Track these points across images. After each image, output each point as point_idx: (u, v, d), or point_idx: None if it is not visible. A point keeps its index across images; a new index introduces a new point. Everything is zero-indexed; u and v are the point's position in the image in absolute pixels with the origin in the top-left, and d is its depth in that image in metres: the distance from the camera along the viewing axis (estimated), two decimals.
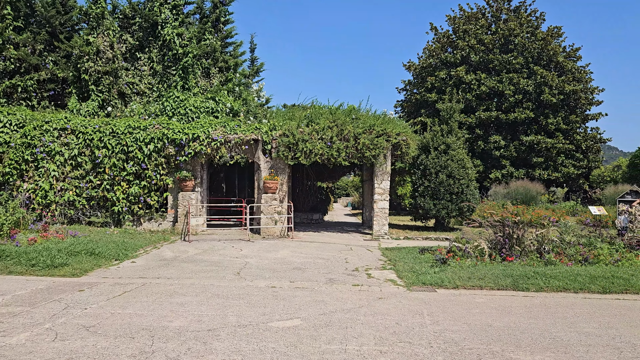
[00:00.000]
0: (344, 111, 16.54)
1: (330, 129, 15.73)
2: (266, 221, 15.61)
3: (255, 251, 12.34)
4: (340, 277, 9.20)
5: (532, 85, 29.73)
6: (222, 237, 14.92)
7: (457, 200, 17.01)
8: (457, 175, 17.04)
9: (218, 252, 12.05)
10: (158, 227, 16.04)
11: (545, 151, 29.86)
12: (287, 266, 10.30)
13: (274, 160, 16.08)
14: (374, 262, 11.19)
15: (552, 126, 30.00)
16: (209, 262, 10.72)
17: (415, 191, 17.76)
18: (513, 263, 9.76)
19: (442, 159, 17.19)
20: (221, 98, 18.65)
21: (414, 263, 10.40)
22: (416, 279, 8.91)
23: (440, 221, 17.87)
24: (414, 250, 12.55)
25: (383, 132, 15.88)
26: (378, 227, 16.26)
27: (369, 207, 19.87)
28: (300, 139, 15.51)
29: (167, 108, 17.98)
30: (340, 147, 15.52)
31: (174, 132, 15.67)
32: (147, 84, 20.30)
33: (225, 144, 15.76)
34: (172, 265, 10.26)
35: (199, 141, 15.58)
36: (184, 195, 15.65)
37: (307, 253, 12.24)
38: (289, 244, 13.75)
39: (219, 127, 15.99)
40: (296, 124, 15.97)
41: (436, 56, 33.47)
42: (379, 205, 16.28)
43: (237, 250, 12.39)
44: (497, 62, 30.66)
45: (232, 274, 9.37)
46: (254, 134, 15.87)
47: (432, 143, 17.69)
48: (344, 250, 12.98)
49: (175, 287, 8.06)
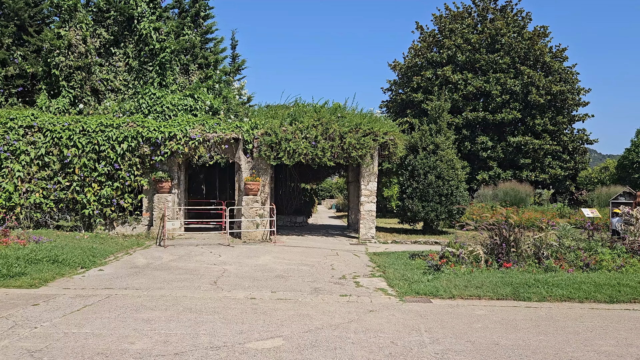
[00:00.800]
0: (329, 109, 15.86)
1: (315, 128, 15.03)
2: (247, 225, 14.84)
3: (234, 257, 11.57)
4: (326, 286, 8.49)
5: (519, 85, 29.41)
6: (201, 242, 14.11)
7: (446, 202, 16.43)
8: (447, 176, 16.46)
9: (195, 259, 11.26)
10: (132, 231, 15.15)
11: (532, 152, 29.55)
12: (268, 274, 9.56)
13: (256, 160, 15.32)
14: (362, 268, 10.50)
15: (539, 127, 29.71)
16: (184, 269, 9.92)
17: (403, 193, 17.14)
18: (511, 269, 9.16)
19: (431, 160, 16.60)
20: (200, 95, 17.82)
21: (405, 270, 9.74)
22: (409, 287, 8.25)
23: (429, 224, 17.27)
24: (403, 255, 11.91)
25: (370, 131, 15.23)
26: (365, 230, 15.60)
27: (354, 209, 19.21)
28: (283, 138, 14.78)
29: (142, 105, 17.09)
30: (325, 146, 14.83)
31: (149, 130, 14.82)
32: (122, 81, 19.36)
33: (203, 143, 14.95)
34: (143, 273, 9.45)
35: (175, 140, 14.76)
36: (160, 197, 14.80)
37: (290, 259, 11.51)
38: (271, 249, 13.01)
39: (197, 125, 15.19)
40: (279, 122, 15.25)
41: (422, 56, 32.98)
42: (366, 207, 15.62)
43: (215, 256, 11.60)
44: (483, 61, 30.29)
45: (208, 283, 8.60)
46: (234, 133, 15.09)
47: (421, 143, 17.09)
48: (330, 255, 12.28)
49: (144, 300, 7.27)
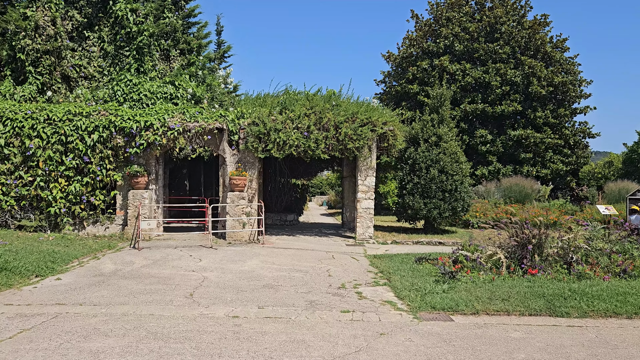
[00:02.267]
0: (323, 97, 14.56)
1: (307, 117, 13.73)
2: (232, 224, 13.51)
3: (217, 262, 10.25)
4: (323, 299, 7.22)
5: (519, 76, 28.29)
6: (180, 244, 12.76)
7: (450, 198, 15.21)
8: (450, 170, 15.24)
9: (171, 264, 9.92)
10: (105, 232, 13.76)
11: (533, 146, 28.48)
12: (255, 283, 8.26)
13: (242, 153, 13.98)
14: (362, 274, 9.24)
15: (540, 120, 28.62)
16: (157, 277, 8.59)
17: (402, 189, 15.89)
18: (537, 277, 7.95)
19: (433, 152, 15.36)
20: (182, 83, 16.43)
21: (413, 277, 8.49)
22: (422, 300, 7.00)
23: (430, 222, 16.06)
24: (408, 258, 10.66)
25: (368, 120, 13.96)
26: (362, 230, 14.34)
27: (350, 206, 17.95)
28: (273, 128, 13.46)
29: (117, 93, 15.67)
30: (319, 137, 13.53)
31: (122, 119, 13.42)
32: (96, 67, 17.87)
33: (184, 133, 13.58)
34: (107, 283, 8.10)
35: (152, 130, 13.37)
36: (135, 193, 13.42)
37: (280, 263, 10.21)
38: (259, 252, 11.70)
39: (176, 114, 13.81)
40: (267, 110, 13.92)
41: (417, 45, 31.75)
42: (363, 204, 14.36)
43: (195, 261, 10.27)
44: (482, 51, 29.14)
45: (183, 296, 7.29)
46: (218, 123, 13.74)
47: (422, 134, 15.84)
48: (325, 259, 11.00)
49: (99, 321, 5.94)
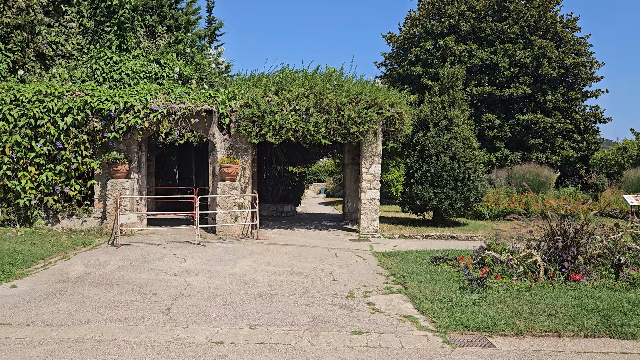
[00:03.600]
0: (323, 76, 13.23)
1: (306, 98, 12.42)
2: (223, 217, 12.25)
3: (204, 262, 9.00)
4: (329, 314, 5.99)
5: (529, 57, 26.92)
6: (165, 240, 11.50)
7: (462, 188, 13.97)
8: (463, 157, 13.98)
9: (150, 265, 8.67)
10: (82, 226, 12.49)
11: (543, 131, 27.22)
12: (247, 290, 7.03)
13: (234, 138, 12.68)
14: (371, 278, 8.02)
15: (550, 103, 27.33)
16: (131, 284, 7.34)
17: (410, 177, 14.63)
18: (582, 284, 6.74)
19: (444, 137, 14.08)
20: (168, 61, 15.04)
21: (432, 283, 7.27)
22: (450, 317, 5.78)
23: (440, 214, 14.83)
24: (421, 257, 9.45)
25: (373, 102, 12.66)
26: (366, 222, 13.11)
27: (351, 196, 16.70)
28: (267, 110, 12.15)
29: (96, 72, 14.28)
30: (319, 120, 12.23)
31: (99, 100, 12.08)
32: (75, 45, 16.43)
33: (168, 116, 12.25)
34: (71, 292, 6.85)
35: (133, 112, 12.03)
36: (115, 183, 12.14)
37: (277, 264, 8.98)
38: (252, 249, 10.46)
39: (160, 94, 12.47)
40: (262, 91, 12.60)
41: (421, 25, 30.28)
42: (368, 195, 13.11)
43: (178, 262, 9.02)
44: (490, 31, 27.73)
45: (159, 310, 6.04)
46: (207, 104, 12.41)
47: (432, 117, 14.54)
48: (328, 257, 9.77)
49: (42, 353, 4.69)
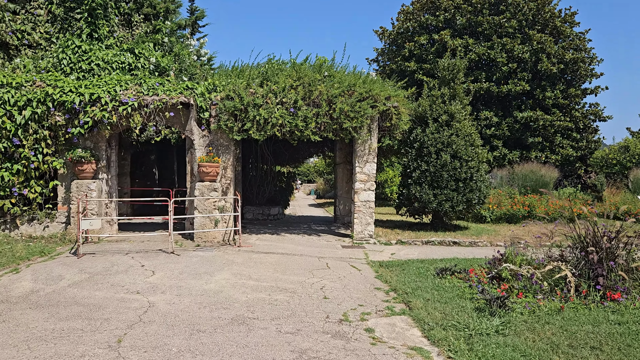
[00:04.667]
0: (313, 66, 12.11)
1: (294, 90, 11.29)
2: (202, 222, 11.08)
3: (175, 275, 7.82)
4: (320, 347, 4.86)
5: (528, 52, 25.97)
6: (135, 248, 10.31)
7: (464, 189, 12.91)
8: (465, 155, 12.92)
9: (112, 280, 7.48)
10: (43, 232, 11.26)
11: (542, 130, 26.29)
12: (221, 313, 5.88)
13: (214, 134, 11.52)
14: (369, 295, 6.90)
15: (549, 100, 26.41)
16: (82, 305, 6.16)
17: (407, 177, 13.54)
18: (622, 304, 5.67)
19: (444, 134, 13.01)
20: (143, 51, 13.84)
21: (442, 302, 6.17)
22: (470, 349, 4.67)
23: (440, 217, 13.76)
24: (424, 268, 8.37)
25: (368, 94, 11.57)
26: (360, 227, 12.00)
27: (343, 198, 15.59)
28: (251, 103, 11.01)
29: (63, 62, 13.05)
30: (309, 114, 11.11)
31: (62, 91, 10.87)
32: (43, 33, 15.19)
33: (140, 109, 11.05)
34: (5, 316, 5.66)
35: (100, 105, 10.83)
36: (80, 184, 10.93)
37: (259, 277, 7.83)
38: (233, 258, 9.30)
39: (131, 85, 11.28)
40: (245, 82, 11.46)
41: (414, 19, 29.27)
42: (362, 196, 12.00)
43: (145, 275, 7.84)
44: (486, 25, 26.75)
45: (107, 343, 4.88)
46: (183, 96, 11.23)
47: (431, 112, 13.46)
48: (318, 269, 8.64)
49: None
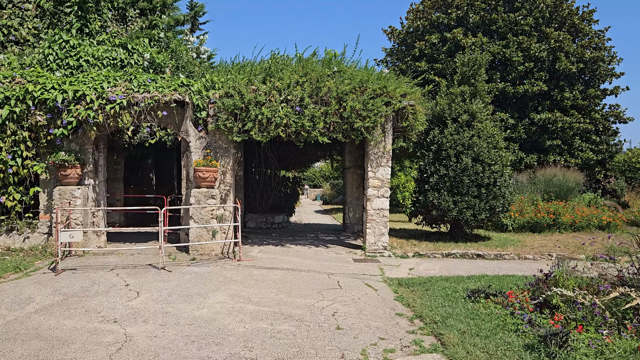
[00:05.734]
0: (321, 61, 11.06)
1: (300, 87, 10.24)
2: (198, 232, 10.02)
3: (163, 297, 6.76)
4: None
5: (545, 51, 24.83)
6: (122, 262, 9.27)
7: (487, 195, 11.79)
8: (487, 158, 11.82)
9: (87, 304, 6.43)
10: (23, 243, 10.24)
11: (560, 132, 25.09)
12: (211, 352, 4.81)
13: (212, 135, 10.49)
14: (390, 323, 5.81)
15: (568, 101, 25.22)
16: (44, 339, 5.11)
17: (424, 182, 12.44)
18: None
19: (465, 135, 11.92)
20: (137, 47, 12.85)
21: (480, 334, 5.08)
22: None
23: (460, 226, 12.64)
24: (451, 288, 7.28)
25: (381, 91, 10.51)
26: (373, 238, 10.91)
27: (354, 205, 14.49)
28: (253, 101, 9.97)
29: (49, 58, 12.05)
30: (316, 113, 10.06)
31: (44, 88, 9.88)
32: (31, 29, 14.29)
33: (129, 108, 10.02)
34: None
35: (85, 103, 9.81)
36: (63, 191, 9.90)
37: (260, 300, 6.76)
38: (231, 275, 8.23)
39: (120, 81, 10.27)
40: (246, 78, 10.43)
41: (425, 18, 28.23)
42: (375, 204, 10.92)
43: (128, 297, 6.78)
44: (501, 22, 25.64)
45: None
46: (178, 93, 10.21)
47: (450, 112, 12.37)
48: (328, 288, 7.55)
49: None
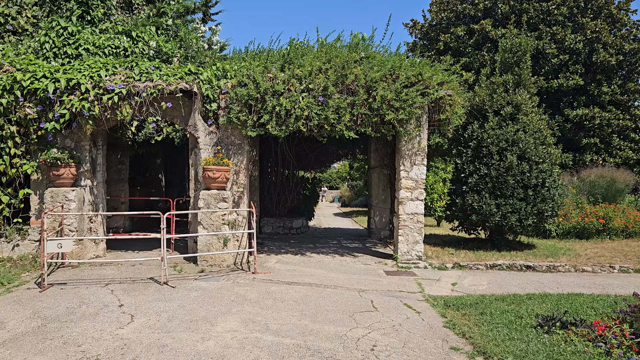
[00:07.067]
0: (347, 46, 9.81)
1: (324, 74, 9.01)
2: (208, 240, 8.84)
3: (161, 323, 5.57)
4: None
5: (581, 42, 23.28)
6: (120, 275, 8.11)
7: (534, 198, 10.43)
8: (535, 156, 10.47)
9: (68, 333, 5.27)
10: (12, 252, 9.15)
11: (597, 129, 23.50)
12: None
13: (223, 130, 9.31)
14: None
15: (606, 97, 23.62)
16: None
17: (460, 183, 11.12)
18: None
19: (509, 130, 10.58)
20: (142, 34, 11.76)
21: None
22: None
23: (502, 232, 11.27)
24: (512, 311, 6.00)
25: (416, 79, 9.24)
26: (406, 246, 9.63)
27: (380, 208, 13.21)
28: (270, 91, 8.78)
29: (45, 46, 11.00)
30: (342, 104, 8.82)
31: (34, 77, 8.79)
32: (29, 18, 13.31)
33: (129, 98, 8.87)
34: None
35: (79, 93, 8.69)
36: (56, 193, 8.80)
37: (280, 327, 5.53)
38: (245, 292, 7.02)
39: (120, 69, 9.14)
40: (262, 65, 9.24)
41: (450, 9, 26.86)
42: (408, 207, 9.64)
43: (120, 321, 5.60)
44: (533, 12, 24.16)
45: None
46: (184, 82, 9.04)
47: (490, 103, 11.05)
48: (361, 311, 6.30)
49: None
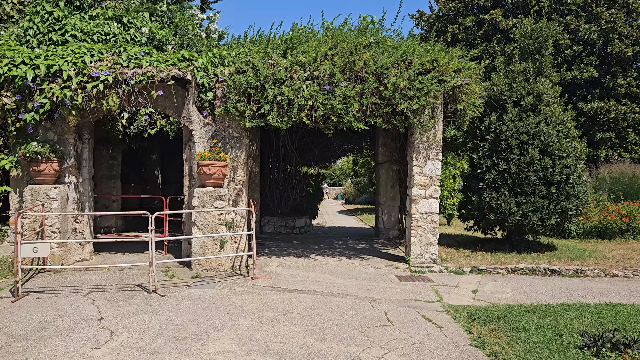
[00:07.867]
0: (355, 30, 9.02)
1: (329, 60, 8.23)
2: (202, 243, 8.08)
3: (144, 343, 4.81)
4: None
5: (595, 32, 22.42)
6: (105, 282, 7.37)
7: (558, 195, 9.65)
8: (558, 150, 9.67)
9: (34, 356, 4.51)
10: None
11: (612, 123, 22.64)
12: None
13: (220, 121, 8.55)
14: None
15: (621, 89, 22.76)
16: None
17: (477, 179, 10.34)
18: None
19: (530, 122, 9.78)
20: (134, 20, 10.98)
21: None
22: None
23: (522, 232, 10.48)
24: (549, 327, 5.25)
25: (431, 66, 8.45)
26: (420, 248, 8.86)
27: (388, 206, 12.44)
28: (271, 78, 8.01)
29: (29, 32, 10.23)
30: (350, 93, 8.04)
31: (12, 63, 8.03)
32: (15, 4, 12.54)
33: (116, 86, 8.11)
34: None
35: (61, 81, 7.94)
36: (36, 190, 8.06)
37: (282, 347, 4.78)
38: (243, 303, 6.26)
39: (106, 55, 8.37)
40: (262, 51, 8.46)
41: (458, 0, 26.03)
42: (422, 206, 8.87)
43: (97, 340, 4.86)
44: (545, 2, 23.29)
45: None
46: (177, 69, 8.27)
47: (510, 93, 10.25)
48: (374, 325, 5.53)
49: None
